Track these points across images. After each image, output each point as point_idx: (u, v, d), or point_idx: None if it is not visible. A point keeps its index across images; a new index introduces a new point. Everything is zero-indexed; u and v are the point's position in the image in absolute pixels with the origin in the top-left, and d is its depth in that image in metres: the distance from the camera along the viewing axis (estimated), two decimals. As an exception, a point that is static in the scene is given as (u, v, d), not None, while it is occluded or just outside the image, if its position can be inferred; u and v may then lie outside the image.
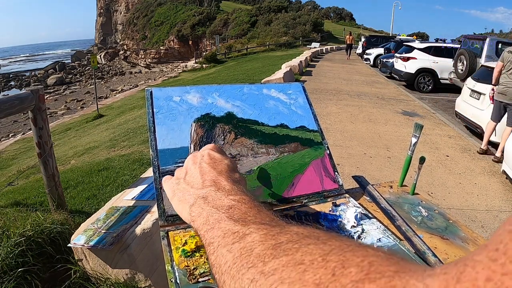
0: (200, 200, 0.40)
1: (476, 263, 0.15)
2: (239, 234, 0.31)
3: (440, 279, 0.16)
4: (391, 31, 49.74)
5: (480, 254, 0.16)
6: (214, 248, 0.32)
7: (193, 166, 0.47)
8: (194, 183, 0.44)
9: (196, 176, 0.45)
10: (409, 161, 0.85)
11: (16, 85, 34.77)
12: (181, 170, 0.50)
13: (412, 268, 0.19)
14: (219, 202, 0.38)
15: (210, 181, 0.43)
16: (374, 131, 5.90)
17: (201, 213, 0.38)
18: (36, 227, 1.93)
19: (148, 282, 1.70)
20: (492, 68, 5.78)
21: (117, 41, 66.57)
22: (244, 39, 37.70)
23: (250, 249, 0.28)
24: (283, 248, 0.26)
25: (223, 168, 0.46)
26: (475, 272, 0.15)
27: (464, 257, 0.17)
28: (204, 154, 0.49)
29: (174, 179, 0.49)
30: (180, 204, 0.44)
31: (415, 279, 0.17)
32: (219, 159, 0.48)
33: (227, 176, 0.44)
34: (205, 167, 0.46)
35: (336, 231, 0.62)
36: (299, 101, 0.86)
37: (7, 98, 2.23)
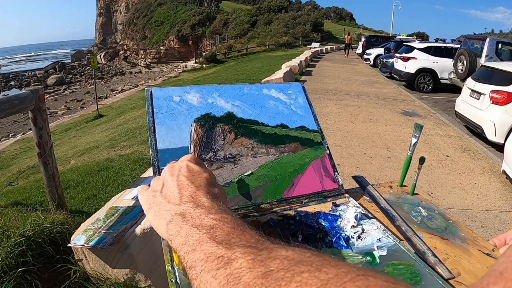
0: (178, 217, 0.38)
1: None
2: (224, 258, 0.29)
3: None
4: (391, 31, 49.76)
5: (496, 283, 0.16)
6: (197, 273, 0.30)
7: (170, 178, 0.45)
8: (171, 197, 0.42)
9: (174, 190, 0.43)
10: (409, 161, 0.85)
11: (16, 85, 34.77)
12: (158, 181, 0.47)
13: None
14: (199, 220, 0.36)
15: (188, 196, 0.41)
16: (374, 131, 5.90)
17: (179, 231, 0.36)
18: (36, 227, 1.94)
19: (148, 282, 1.70)
20: (492, 68, 5.79)
21: (117, 41, 66.57)
22: (244, 39, 37.70)
23: (238, 276, 0.26)
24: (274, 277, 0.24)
25: (202, 182, 0.44)
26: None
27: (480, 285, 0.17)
28: (182, 165, 0.47)
29: (150, 191, 0.47)
30: (156, 219, 0.42)
31: None
32: (198, 171, 0.46)
33: (206, 191, 0.42)
34: (183, 181, 0.44)
35: (337, 231, 0.63)
36: (299, 101, 0.86)
37: (7, 98, 2.23)
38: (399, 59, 11.16)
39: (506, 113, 5.03)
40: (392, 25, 50.14)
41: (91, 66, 11.21)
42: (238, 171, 0.70)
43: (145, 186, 0.49)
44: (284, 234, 0.61)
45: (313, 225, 0.64)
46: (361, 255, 0.57)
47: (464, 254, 0.61)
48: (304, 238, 0.60)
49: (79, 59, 53.51)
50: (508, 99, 5.05)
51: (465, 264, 0.58)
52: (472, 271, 0.57)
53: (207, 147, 0.71)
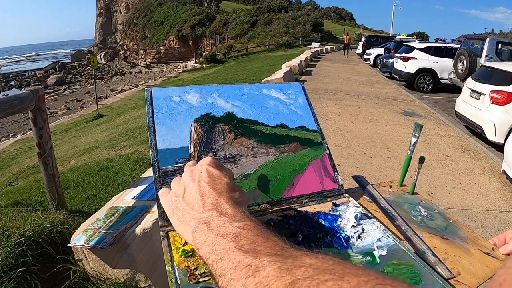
0: (203, 225, 0.39)
1: None
2: (252, 267, 0.30)
3: None
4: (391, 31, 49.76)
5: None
6: (226, 281, 0.31)
7: (191, 184, 0.46)
8: (194, 204, 0.43)
9: (196, 196, 0.44)
10: (409, 161, 0.85)
11: (16, 85, 34.77)
12: (179, 185, 0.48)
13: None
14: (224, 229, 0.37)
15: (211, 204, 0.42)
16: (374, 131, 5.90)
17: (206, 240, 0.37)
18: (36, 227, 1.94)
19: (148, 282, 1.70)
20: (492, 68, 5.79)
21: (117, 41, 66.57)
22: (244, 39, 37.70)
23: (267, 285, 0.28)
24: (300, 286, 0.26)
25: (223, 188, 0.45)
26: None
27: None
28: (202, 170, 0.47)
29: (172, 196, 0.47)
30: (181, 225, 0.43)
31: None
32: (218, 176, 0.46)
33: (228, 197, 0.43)
34: (205, 187, 0.44)
35: (337, 231, 0.63)
36: (299, 101, 0.86)
37: (7, 98, 2.23)
38: (399, 59, 11.16)
39: (506, 113, 5.03)
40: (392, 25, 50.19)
41: (91, 66, 11.21)
42: (238, 171, 0.70)
43: (166, 189, 0.51)
44: (284, 234, 0.61)
45: (313, 225, 0.64)
46: (361, 255, 0.57)
47: (464, 253, 0.61)
48: (304, 238, 0.60)
49: (79, 59, 53.52)
50: (508, 99, 5.05)
51: (465, 264, 0.58)
52: (472, 271, 0.57)
53: (207, 147, 0.71)
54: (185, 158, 0.68)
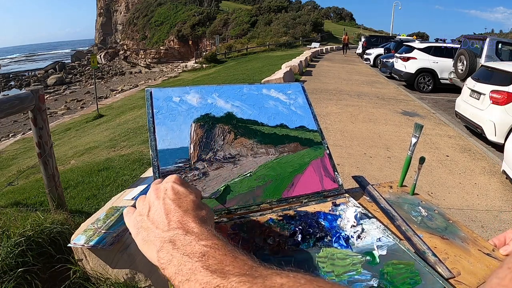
0: (168, 244, 0.37)
1: None
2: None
3: None
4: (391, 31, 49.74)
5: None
6: None
7: (156, 202, 0.44)
8: (159, 222, 0.41)
9: (161, 214, 0.42)
10: (409, 161, 0.85)
11: (16, 85, 34.77)
12: (144, 204, 0.46)
13: None
14: (190, 248, 0.35)
15: (177, 222, 0.40)
16: (374, 131, 5.90)
17: (171, 260, 0.35)
18: (36, 227, 1.94)
19: (148, 282, 1.70)
20: (492, 68, 5.79)
21: (117, 41, 66.57)
22: (244, 39, 37.70)
23: None
24: None
25: (189, 205, 0.43)
26: None
27: None
28: (167, 187, 0.46)
29: (136, 214, 0.46)
30: (146, 245, 0.41)
31: None
32: (184, 194, 0.45)
33: (194, 215, 0.41)
34: (170, 205, 0.43)
35: (336, 230, 0.63)
36: (299, 101, 0.86)
37: (7, 98, 2.23)
38: (399, 59, 11.16)
39: (506, 113, 5.03)
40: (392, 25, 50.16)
41: (91, 66, 11.21)
42: (238, 171, 0.70)
43: (131, 208, 0.48)
44: (284, 234, 0.61)
45: (312, 224, 0.64)
46: (361, 254, 0.57)
47: (464, 253, 0.61)
48: (304, 238, 0.60)
49: (79, 59, 53.53)
50: (508, 99, 5.05)
51: (465, 264, 0.58)
52: (472, 271, 0.57)
53: (207, 147, 0.71)
54: (184, 158, 0.68)
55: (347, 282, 0.51)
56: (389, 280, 0.52)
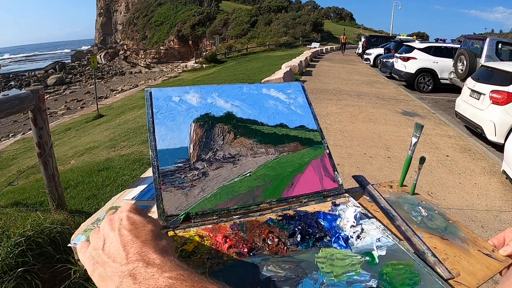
0: (128, 279, 0.34)
1: None
2: None
3: None
4: (391, 31, 49.73)
5: None
6: None
7: (111, 233, 0.40)
8: (115, 256, 0.38)
9: (117, 247, 0.38)
10: (409, 161, 0.85)
11: (16, 85, 34.76)
12: (98, 237, 0.42)
13: None
14: (153, 281, 0.32)
15: (135, 254, 0.37)
16: (374, 131, 5.90)
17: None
18: (36, 227, 1.94)
19: (148, 282, 1.70)
20: (492, 68, 5.79)
21: (117, 41, 66.57)
22: (244, 39, 37.69)
23: None
24: None
25: (148, 235, 0.40)
26: None
27: None
28: (122, 217, 0.42)
29: (91, 249, 0.41)
30: (103, 282, 0.37)
31: None
32: (141, 223, 0.42)
33: (153, 245, 0.38)
34: (126, 236, 0.39)
35: (336, 230, 0.63)
36: (299, 101, 0.86)
37: (7, 98, 2.23)
38: (399, 59, 11.16)
39: (506, 113, 5.03)
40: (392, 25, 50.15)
41: (91, 66, 11.21)
42: (238, 171, 0.70)
43: (84, 243, 0.44)
44: (284, 234, 0.61)
45: (312, 224, 0.64)
46: (360, 255, 0.57)
47: (464, 254, 0.61)
48: (303, 238, 0.60)
49: (79, 59, 53.53)
50: (508, 99, 5.05)
51: (464, 265, 0.58)
52: (472, 272, 0.56)
53: (206, 147, 0.71)
54: (184, 158, 0.68)
55: (346, 282, 0.51)
56: (388, 281, 0.52)
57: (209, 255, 0.55)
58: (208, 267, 0.52)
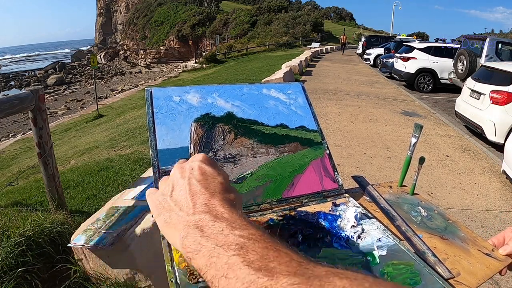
0: (195, 231, 0.33)
1: None
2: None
3: None
4: (391, 31, 49.74)
5: None
6: None
7: (181, 181, 0.40)
8: (182, 204, 0.38)
9: (185, 196, 0.38)
10: (409, 161, 0.85)
11: (16, 85, 34.75)
12: (167, 182, 0.42)
13: None
14: (222, 237, 0.31)
15: (203, 205, 0.36)
16: (374, 131, 5.90)
17: (200, 250, 0.32)
18: (36, 227, 1.94)
19: (148, 282, 1.70)
20: (492, 68, 5.79)
21: (117, 41, 66.57)
22: (244, 39, 37.70)
23: None
24: None
25: (217, 187, 0.39)
26: None
27: None
28: (193, 166, 0.42)
29: (159, 194, 0.42)
30: (167, 228, 0.38)
31: None
32: (211, 175, 0.41)
33: (221, 198, 0.38)
34: (195, 186, 0.39)
35: (336, 231, 0.63)
36: (299, 101, 0.86)
37: (7, 98, 2.23)
38: (399, 59, 11.16)
39: (506, 113, 5.03)
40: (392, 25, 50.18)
41: (91, 66, 11.21)
42: (238, 171, 0.70)
43: (153, 189, 0.46)
44: (284, 234, 0.61)
45: (313, 225, 0.64)
46: (361, 255, 0.57)
47: (464, 254, 0.61)
48: (304, 238, 0.60)
49: (79, 59, 53.53)
50: (508, 99, 5.05)
51: (464, 264, 0.58)
52: (472, 271, 0.57)
53: (207, 147, 0.71)
54: (184, 158, 0.68)
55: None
56: (389, 281, 0.52)
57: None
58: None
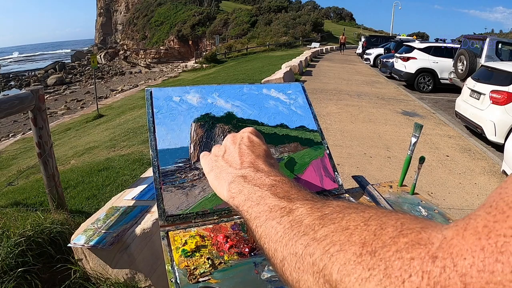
0: (240, 178, 0.41)
1: (477, 216, 0.21)
2: (286, 209, 0.33)
3: (453, 229, 0.22)
4: (391, 31, 49.73)
5: (479, 210, 0.22)
6: (262, 222, 0.34)
7: (232, 146, 0.49)
8: (232, 162, 0.46)
9: (235, 156, 0.46)
10: (409, 161, 0.85)
11: (16, 85, 34.72)
12: (220, 148, 0.51)
13: (433, 224, 0.24)
14: (260, 181, 0.40)
15: (249, 162, 0.44)
16: (374, 131, 5.90)
17: (242, 190, 0.39)
18: (36, 227, 1.94)
19: (148, 282, 1.70)
20: (492, 68, 5.79)
21: (117, 41, 66.56)
22: (244, 39, 37.70)
23: (300, 220, 0.31)
24: (329, 218, 0.29)
25: (261, 152, 0.47)
26: (476, 222, 0.21)
27: (470, 213, 0.23)
28: (243, 136, 0.50)
29: (212, 156, 0.50)
30: (217, 180, 0.45)
31: (436, 231, 0.23)
32: (258, 143, 0.49)
33: (264, 160, 0.46)
34: (244, 149, 0.47)
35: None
36: (299, 101, 0.86)
37: (7, 98, 2.23)
38: (399, 59, 11.16)
39: (506, 113, 5.03)
40: (392, 25, 50.16)
41: (91, 66, 11.21)
42: (238, 171, 0.70)
43: (206, 152, 0.53)
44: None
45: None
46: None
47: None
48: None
49: (79, 59, 53.50)
50: (508, 99, 5.05)
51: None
52: (472, 271, 0.56)
53: (207, 147, 0.71)
54: (185, 158, 0.68)
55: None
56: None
57: (210, 255, 0.55)
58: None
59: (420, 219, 0.26)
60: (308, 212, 0.32)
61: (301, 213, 0.32)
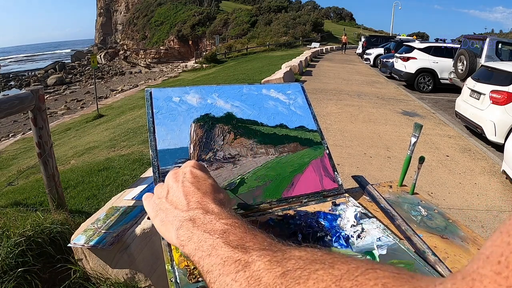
0: (188, 223, 0.38)
1: (482, 277, 0.16)
2: (241, 262, 0.30)
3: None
4: (391, 31, 49.72)
5: (484, 267, 0.17)
6: (215, 277, 0.31)
7: (175, 184, 0.45)
8: (178, 203, 0.42)
9: (180, 196, 0.43)
10: (409, 161, 0.85)
11: (16, 85, 34.71)
12: (162, 188, 0.47)
13: (423, 284, 0.20)
14: (210, 226, 0.36)
15: (196, 203, 0.41)
16: (374, 131, 5.90)
17: (191, 237, 0.36)
18: (36, 227, 1.94)
19: (148, 282, 1.70)
20: (492, 68, 5.79)
21: (117, 41, 66.56)
22: (244, 39, 37.70)
23: (258, 278, 0.27)
24: (292, 276, 0.26)
25: (208, 188, 0.44)
26: (483, 286, 0.16)
27: (470, 269, 0.18)
28: (186, 171, 0.47)
29: (155, 198, 0.46)
30: (164, 226, 0.41)
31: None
32: (203, 178, 0.46)
33: (212, 197, 0.42)
34: (189, 187, 0.43)
35: (336, 230, 0.63)
36: (299, 101, 0.86)
37: (7, 98, 2.23)
38: (399, 59, 11.16)
39: (506, 113, 5.03)
40: (392, 25, 50.14)
41: (91, 66, 11.21)
42: (238, 171, 0.70)
43: (149, 193, 0.49)
44: (284, 234, 0.61)
45: (312, 224, 0.64)
46: (361, 254, 0.57)
47: (464, 253, 0.61)
48: (304, 238, 0.60)
49: (79, 59, 53.49)
50: (508, 99, 5.05)
51: (465, 263, 0.58)
52: (471, 271, 0.57)
53: (206, 148, 0.71)
54: (184, 158, 0.68)
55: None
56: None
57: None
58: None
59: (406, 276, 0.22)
60: (267, 266, 0.28)
61: (259, 268, 0.28)
